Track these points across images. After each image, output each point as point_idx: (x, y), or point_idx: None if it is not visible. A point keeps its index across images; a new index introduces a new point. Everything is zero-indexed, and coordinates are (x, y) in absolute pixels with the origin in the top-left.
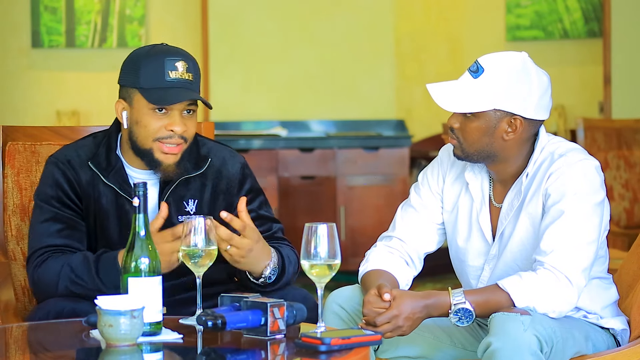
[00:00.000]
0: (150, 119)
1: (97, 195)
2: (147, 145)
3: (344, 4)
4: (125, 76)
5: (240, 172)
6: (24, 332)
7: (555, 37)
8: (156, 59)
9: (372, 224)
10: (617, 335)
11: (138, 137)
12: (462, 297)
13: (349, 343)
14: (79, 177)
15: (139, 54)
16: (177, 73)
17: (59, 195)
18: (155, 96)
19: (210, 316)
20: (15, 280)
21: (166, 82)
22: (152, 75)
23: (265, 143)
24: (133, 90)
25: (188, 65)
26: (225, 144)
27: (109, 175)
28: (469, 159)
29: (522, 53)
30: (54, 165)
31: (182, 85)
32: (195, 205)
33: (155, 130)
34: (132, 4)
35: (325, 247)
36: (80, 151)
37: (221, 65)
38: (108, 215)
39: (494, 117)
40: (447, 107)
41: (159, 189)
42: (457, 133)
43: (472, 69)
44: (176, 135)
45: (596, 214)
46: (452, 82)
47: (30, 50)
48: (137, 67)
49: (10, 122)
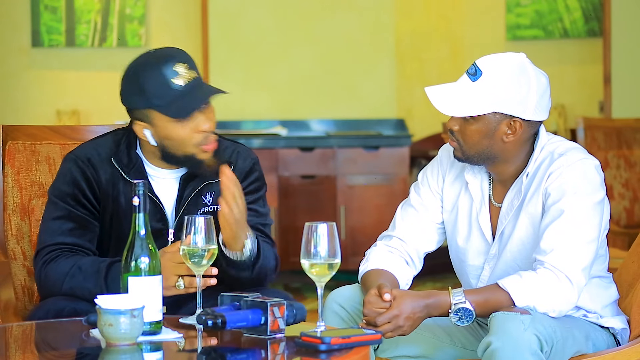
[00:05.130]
0: (178, 130)
1: (116, 193)
2: (190, 152)
3: (344, 3)
4: (132, 100)
5: (250, 166)
6: (24, 332)
7: (556, 37)
8: (154, 73)
9: (372, 223)
10: (617, 334)
11: (173, 149)
12: (462, 296)
13: (349, 342)
14: (98, 175)
15: (134, 73)
16: (181, 77)
17: (74, 193)
18: (174, 109)
19: (210, 315)
20: (15, 279)
21: (176, 90)
22: (159, 90)
23: (266, 142)
24: (148, 110)
25: (186, 63)
26: (241, 143)
27: (130, 172)
28: (469, 160)
29: (521, 54)
30: (73, 163)
31: (192, 87)
32: (212, 197)
33: (189, 137)
34: (132, 4)
35: (325, 247)
36: (100, 149)
37: (221, 65)
38: (126, 214)
39: (494, 119)
40: (446, 111)
41: (179, 185)
42: (457, 135)
43: (470, 72)
44: (209, 133)
45: (596, 213)
46: (450, 85)
47: (31, 50)
48: (140, 87)
49: (10, 122)
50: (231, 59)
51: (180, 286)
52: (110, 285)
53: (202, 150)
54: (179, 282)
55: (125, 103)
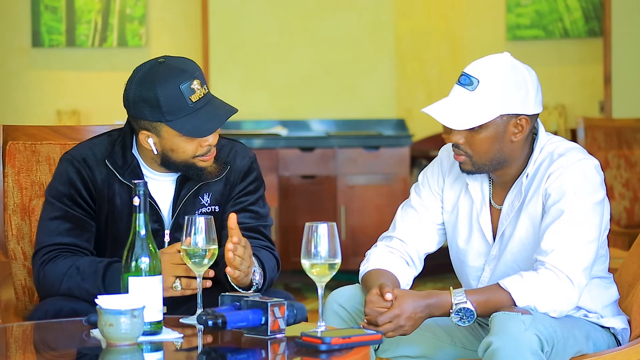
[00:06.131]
0: (185, 144)
1: (112, 194)
2: (189, 162)
3: (344, 3)
4: (142, 110)
5: (248, 165)
6: (24, 332)
7: (556, 37)
8: (171, 88)
9: (373, 223)
10: (618, 334)
11: (176, 159)
12: (464, 296)
13: (349, 342)
14: (94, 175)
15: (148, 83)
16: (196, 95)
17: (71, 194)
18: (188, 127)
19: (210, 315)
20: (15, 279)
21: (190, 107)
22: (175, 106)
23: (266, 142)
24: (158, 124)
25: (200, 79)
26: (238, 140)
27: (125, 173)
28: (480, 171)
29: (505, 54)
30: (69, 163)
31: (205, 103)
32: (210, 198)
33: (194, 150)
34: (133, 4)
35: (326, 247)
36: (95, 149)
37: (221, 65)
38: (121, 215)
39: (501, 122)
40: (456, 125)
41: (176, 187)
42: (464, 148)
43: (464, 83)
44: (212, 146)
45: (596, 213)
46: (449, 100)
47: (31, 50)
48: (154, 100)
49: (10, 122)
50: (231, 58)
51: (177, 287)
52: (108, 285)
53: (202, 161)
54: (175, 284)
55: (134, 111)
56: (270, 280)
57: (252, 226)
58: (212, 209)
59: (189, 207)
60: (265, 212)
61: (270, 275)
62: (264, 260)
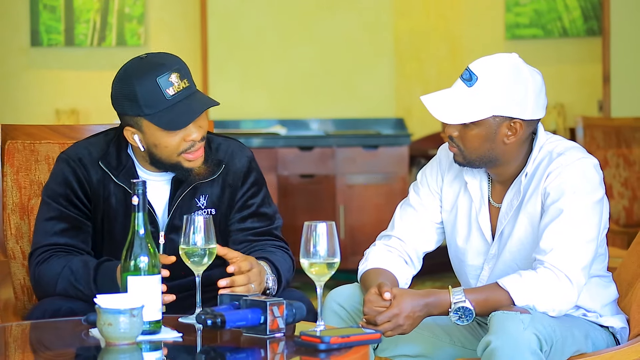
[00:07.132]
0: (167, 139)
1: (107, 194)
2: (173, 160)
3: (343, 3)
4: (122, 106)
5: (247, 165)
6: (23, 331)
7: (555, 36)
8: (148, 82)
9: (372, 222)
10: (617, 333)
11: (161, 156)
12: (462, 295)
13: (348, 342)
14: (89, 175)
15: (127, 79)
16: (175, 87)
17: (67, 194)
18: (165, 120)
19: (209, 315)
20: (14, 278)
21: (168, 101)
22: (152, 99)
23: (265, 141)
24: (138, 118)
25: (180, 73)
26: (234, 138)
27: (119, 174)
28: (470, 165)
29: (513, 54)
30: (65, 163)
31: (184, 97)
32: (206, 200)
33: (177, 145)
34: (132, 3)
35: (325, 246)
36: (91, 149)
37: (220, 64)
38: (116, 215)
39: (494, 123)
40: (445, 119)
41: (171, 188)
42: (457, 141)
43: (465, 77)
44: (197, 142)
45: (595, 212)
46: (446, 92)
47: (30, 49)
48: (132, 95)
49: (9, 121)
50: (230, 58)
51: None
52: (100, 286)
53: (187, 160)
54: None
55: (117, 108)
56: (286, 282)
57: (264, 230)
58: (208, 211)
59: (185, 209)
60: (272, 211)
61: (286, 277)
62: (278, 264)
